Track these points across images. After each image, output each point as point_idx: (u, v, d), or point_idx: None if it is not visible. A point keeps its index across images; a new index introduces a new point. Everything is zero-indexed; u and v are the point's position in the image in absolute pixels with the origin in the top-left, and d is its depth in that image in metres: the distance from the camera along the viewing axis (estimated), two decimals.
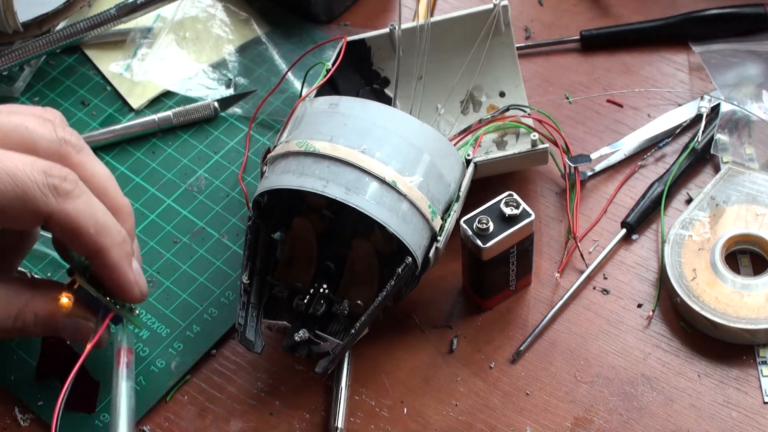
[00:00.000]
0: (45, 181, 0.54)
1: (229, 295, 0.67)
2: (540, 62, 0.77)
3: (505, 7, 0.68)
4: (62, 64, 0.79)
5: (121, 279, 0.58)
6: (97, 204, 0.57)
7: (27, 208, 0.54)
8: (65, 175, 0.55)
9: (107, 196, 0.58)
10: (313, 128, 0.60)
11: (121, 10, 0.76)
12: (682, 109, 0.73)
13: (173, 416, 0.62)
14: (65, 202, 0.55)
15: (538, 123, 0.69)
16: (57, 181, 0.55)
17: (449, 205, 0.61)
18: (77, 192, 0.56)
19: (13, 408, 0.63)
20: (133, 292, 0.59)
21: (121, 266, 0.58)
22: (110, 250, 0.57)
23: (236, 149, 0.74)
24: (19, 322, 0.58)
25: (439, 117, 0.71)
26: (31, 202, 0.54)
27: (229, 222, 0.70)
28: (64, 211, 0.55)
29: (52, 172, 0.55)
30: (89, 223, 0.56)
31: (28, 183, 0.54)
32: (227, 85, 0.77)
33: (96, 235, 0.56)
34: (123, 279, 0.58)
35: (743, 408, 0.61)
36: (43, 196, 0.54)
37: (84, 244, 0.56)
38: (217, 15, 0.81)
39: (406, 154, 0.60)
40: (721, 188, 0.68)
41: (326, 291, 0.62)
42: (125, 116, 0.76)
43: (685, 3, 0.78)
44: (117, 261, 0.57)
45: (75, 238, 0.56)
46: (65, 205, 0.55)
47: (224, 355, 0.65)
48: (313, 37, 0.79)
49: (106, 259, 0.57)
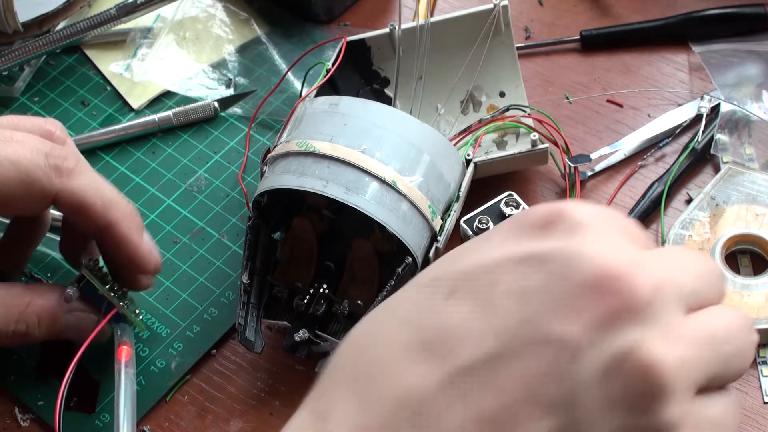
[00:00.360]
0: (47, 162, 0.56)
1: (229, 295, 0.67)
2: (540, 62, 0.77)
3: (505, 7, 0.68)
4: (62, 64, 0.79)
5: (134, 251, 0.59)
6: (101, 180, 0.58)
7: (33, 191, 0.56)
8: (66, 154, 0.57)
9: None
10: (313, 128, 0.60)
11: (121, 10, 0.76)
12: (682, 109, 0.73)
13: (173, 416, 0.62)
14: (69, 180, 0.56)
15: (538, 123, 0.69)
16: (59, 161, 0.56)
17: (449, 205, 0.61)
18: (79, 169, 0.57)
19: (13, 408, 0.63)
20: (147, 263, 0.60)
21: (133, 238, 0.59)
22: (120, 222, 0.58)
23: (236, 149, 0.74)
24: (22, 325, 0.59)
25: (439, 117, 0.71)
26: (36, 185, 0.56)
27: (229, 222, 0.70)
28: (68, 188, 0.56)
29: (53, 153, 0.56)
30: (96, 197, 0.57)
31: (30, 167, 0.55)
32: (227, 85, 0.77)
33: (104, 209, 0.57)
34: (135, 251, 0.59)
35: (743, 408, 0.61)
36: (47, 177, 0.56)
37: (94, 219, 0.57)
38: (217, 15, 0.81)
39: (406, 154, 0.60)
40: (721, 188, 0.68)
41: (326, 291, 0.62)
42: (125, 116, 0.76)
43: (685, 3, 0.78)
44: (127, 233, 0.58)
45: (84, 214, 0.57)
46: (69, 182, 0.56)
47: (224, 355, 0.65)
48: (313, 37, 0.79)
49: (117, 232, 0.58)
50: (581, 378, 0.35)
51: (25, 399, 0.63)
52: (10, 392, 0.63)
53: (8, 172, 0.55)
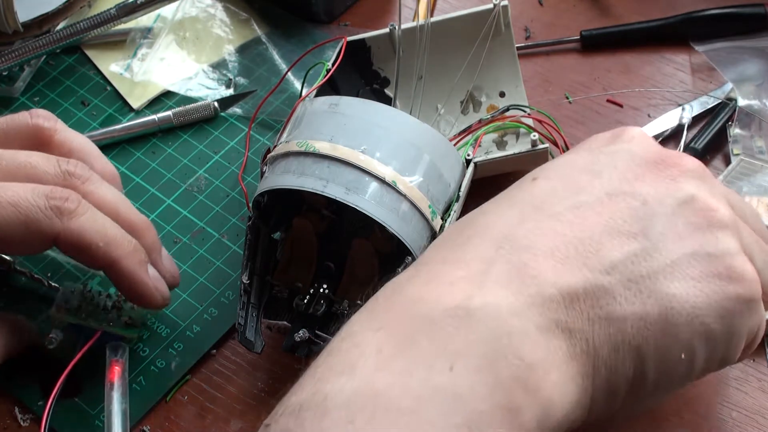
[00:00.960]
0: (47, 204, 0.56)
1: (229, 295, 0.67)
2: (540, 62, 0.77)
3: (505, 7, 0.68)
4: (62, 64, 0.79)
5: (139, 286, 0.59)
6: (102, 218, 0.58)
7: (33, 234, 0.56)
8: (67, 195, 0.57)
9: (119, 216, 0.59)
10: (313, 128, 0.60)
11: (121, 10, 0.77)
12: (682, 109, 0.73)
13: (173, 416, 0.62)
14: (70, 221, 0.56)
15: (538, 123, 0.68)
16: (59, 203, 0.56)
17: (449, 205, 0.61)
18: (81, 209, 0.57)
19: (13, 408, 0.63)
20: (154, 298, 0.60)
21: (137, 274, 0.59)
22: (122, 260, 0.58)
23: (236, 149, 0.74)
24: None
25: (439, 117, 0.71)
26: (35, 227, 0.55)
27: (229, 222, 0.70)
28: (69, 229, 0.56)
29: (54, 194, 0.56)
30: (97, 237, 0.57)
31: (30, 209, 0.55)
32: (227, 85, 0.77)
33: (106, 248, 0.57)
34: (141, 286, 0.59)
35: (743, 408, 0.61)
36: (47, 219, 0.56)
37: (96, 259, 0.57)
38: (217, 15, 0.81)
39: (406, 154, 0.60)
40: (732, 180, 0.68)
41: (326, 291, 0.62)
42: (125, 116, 0.76)
43: (685, 3, 0.78)
44: (131, 269, 0.58)
45: (85, 254, 0.57)
46: (70, 224, 0.56)
47: (224, 355, 0.65)
48: (313, 37, 0.79)
49: (121, 270, 0.58)
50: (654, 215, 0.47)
51: (25, 399, 0.63)
52: (10, 392, 0.63)
53: (9, 215, 0.55)
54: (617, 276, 0.46)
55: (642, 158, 0.50)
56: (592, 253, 0.46)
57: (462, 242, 0.48)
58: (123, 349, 0.62)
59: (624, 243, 0.47)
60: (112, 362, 0.61)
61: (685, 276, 0.47)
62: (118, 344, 0.62)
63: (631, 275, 0.46)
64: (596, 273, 0.46)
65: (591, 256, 0.46)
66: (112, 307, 0.62)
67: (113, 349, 0.62)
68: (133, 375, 0.63)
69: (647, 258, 0.47)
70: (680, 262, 0.47)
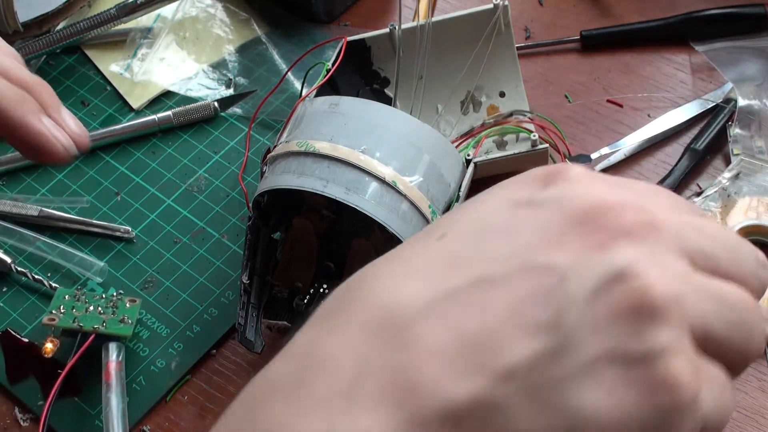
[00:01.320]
0: None
1: (229, 295, 0.67)
2: (540, 62, 0.77)
3: (505, 7, 0.68)
4: (62, 64, 0.79)
5: (33, 135, 0.56)
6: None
7: None
8: None
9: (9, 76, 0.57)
10: (313, 128, 0.60)
11: (121, 10, 0.77)
12: (682, 109, 0.73)
13: (173, 416, 0.62)
14: None
15: (540, 129, 0.68)
16: None
17: (449, 205, 0.61)
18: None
19: (13, 408, 0.63)
20: (53, 146, 0.56)
21: (28, 121, 0.56)
22: (9, 110, 0.55)
23: (236, 149, 0.74)
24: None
25: (440, 117, 0.71)
26: None
27: (229, 222, 0.70)
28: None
29: None
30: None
31: None
32: (227, 85, 0.77)
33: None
34: (35, 135, 0.56)
35: (743, 408, 0.61)
36: None
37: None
38: (217, 15, 0.81)
39: (406, 154, 0.60)
40: (732, 180, 0.68)
41: (326, 291, 0.62)
42: (125, 116, 0.76)
43: (685, 3, 0.78)
44: (20, 117, 0.56)
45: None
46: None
47: (224, 355, 0.65)
48: (313, 37, 0.79)
49: (9, 119, 0.55)
50: (569, 299, 0.35)
51: (25, 399, 0.63)
52: (10, 392, 0.63)
53: None
54: (517, 383, 0.35)
55: (572, 214, 0.37)
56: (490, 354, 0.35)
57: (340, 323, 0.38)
58: (119, 348, 0.62)
59: (530, 339, 0.35)
60: (108, 363, 0.61)
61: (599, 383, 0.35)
62: (113, 344, 0.62)
63: (536, 383, 0.35)
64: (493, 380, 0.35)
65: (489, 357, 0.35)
66: (107, 307, 0.62)
67: (109, 350, 0.62)
68: (133, 375, 0.63)
69: (556, 359, 0.35)
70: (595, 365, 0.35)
